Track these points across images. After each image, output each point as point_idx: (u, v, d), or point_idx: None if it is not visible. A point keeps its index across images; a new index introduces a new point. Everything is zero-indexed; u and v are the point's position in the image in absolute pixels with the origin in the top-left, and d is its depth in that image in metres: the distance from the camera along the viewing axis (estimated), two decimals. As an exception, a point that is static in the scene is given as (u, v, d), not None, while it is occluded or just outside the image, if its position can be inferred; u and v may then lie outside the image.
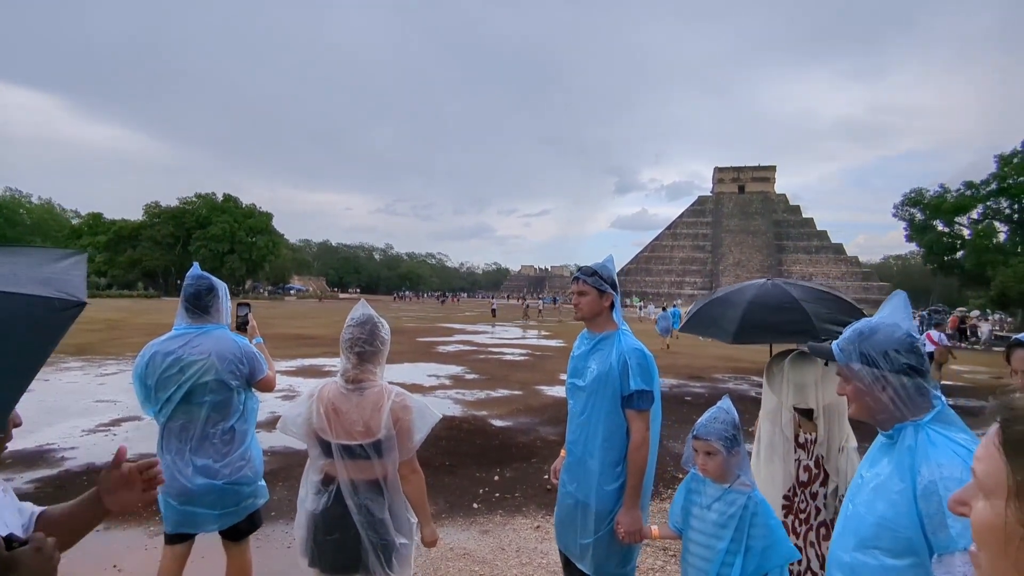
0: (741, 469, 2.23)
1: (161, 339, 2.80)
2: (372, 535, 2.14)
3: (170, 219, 75.46)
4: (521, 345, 20.60)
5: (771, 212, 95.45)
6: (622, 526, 2.37)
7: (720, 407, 2.28)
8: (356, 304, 2.38)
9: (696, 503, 2.30)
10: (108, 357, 13.98)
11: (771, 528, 2.14)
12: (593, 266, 2.57)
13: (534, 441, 7.13)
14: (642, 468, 2.40)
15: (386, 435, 2.16)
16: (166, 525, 2.79)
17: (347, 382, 2.21)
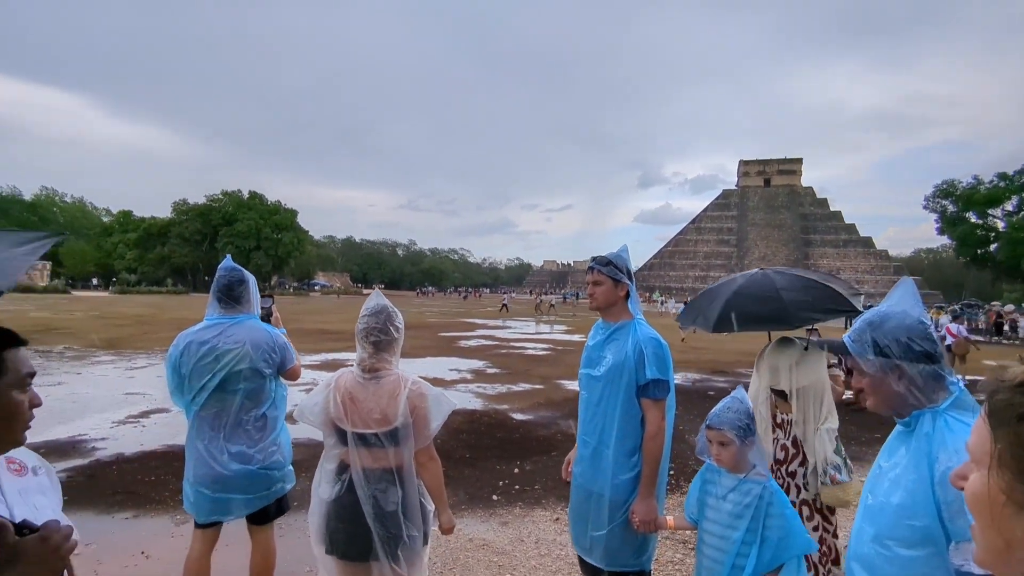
0: (756, 459, 2.21)
1: (195, 329, 2.86)
2: (379, 527, 2.16)
3: (198, 216, 76.87)
4: (543, 340, 20.60)
5: (797, 205, 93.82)
6: (637, 515, 2.37)
7: (734, 397, 2.27)
8: (370, 295, 2.40)
9: (711, 493, 2.28)
10: (138, 352, 14.30)
11: (787, 518, 2.12)
12: (608, 256, 2.56)
13: (554, 435, 7.13)
14: (657, 457, 2.39)
15: (403, 423, 2.17)
16: (199, 515, 2.84)
17: (364, 371, 2.24)
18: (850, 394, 9.73)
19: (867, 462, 6.29)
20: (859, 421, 8.23)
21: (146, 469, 5.48)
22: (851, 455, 6.40)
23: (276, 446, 2.90)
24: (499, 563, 3.80)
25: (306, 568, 3.66)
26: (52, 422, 7.10)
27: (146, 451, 6.11)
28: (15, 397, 1.17)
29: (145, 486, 4.99)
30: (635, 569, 2.46)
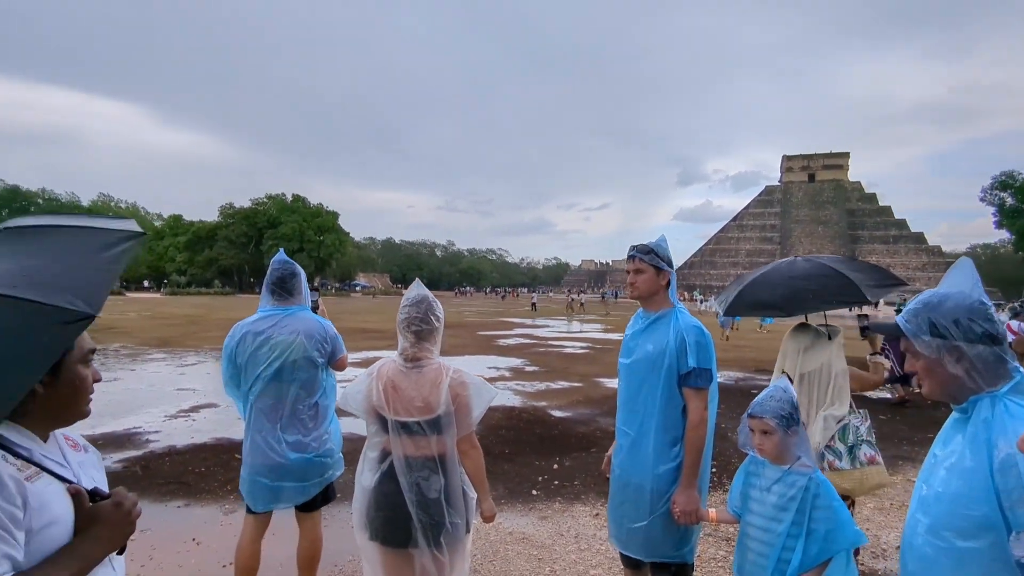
0: (801, 450, 2.15)
1: (250, 320, 2.95)
2: (422, 514, 2.18)
3: (243, 219, 79.20)
4: (581, 338, 20.50)
5: (844, 201, 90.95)
6: (678, 505, 2.33)
7: (777, 386, 2.21)
8: (411, 285, 2.44)
9: (755, 486, 2.23)
10: (188, 350, 14.82)
11: (835, 511, 2.05)
12: (648, 244, 2.53)
13: (594, 431, 7.09)
14: (700, 448, 2.35)
15: (445, 411, 2.19)
16: (255, 504, 2.91)
17: (406, 360, 2.27)
18: (888, 394, 9.47)
19: (918, 462, 6.06)
20: (911, 420, 7.94)
21: (196, 461, 5.67)
22: (902, 455, 6.22)
23: (328, 434, 2.99)
24: (539, 556, 3.80)
25: (348, 557, 3.73)
26: (109, 416, 7.41)
27: (196, 444, 6.33)
28: (80, 371, 1.23)
29: (195, 477, 5.17)
30: (677, 561, 2.42)
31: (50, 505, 1.12)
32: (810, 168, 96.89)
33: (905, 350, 1.50)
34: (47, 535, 1.10)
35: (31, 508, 1.08)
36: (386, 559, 2.25)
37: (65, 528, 1.13)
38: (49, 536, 1.10)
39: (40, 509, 1.09)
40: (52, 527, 1.11)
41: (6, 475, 1.07)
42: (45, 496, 1.12)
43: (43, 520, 1.10)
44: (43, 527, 1.09)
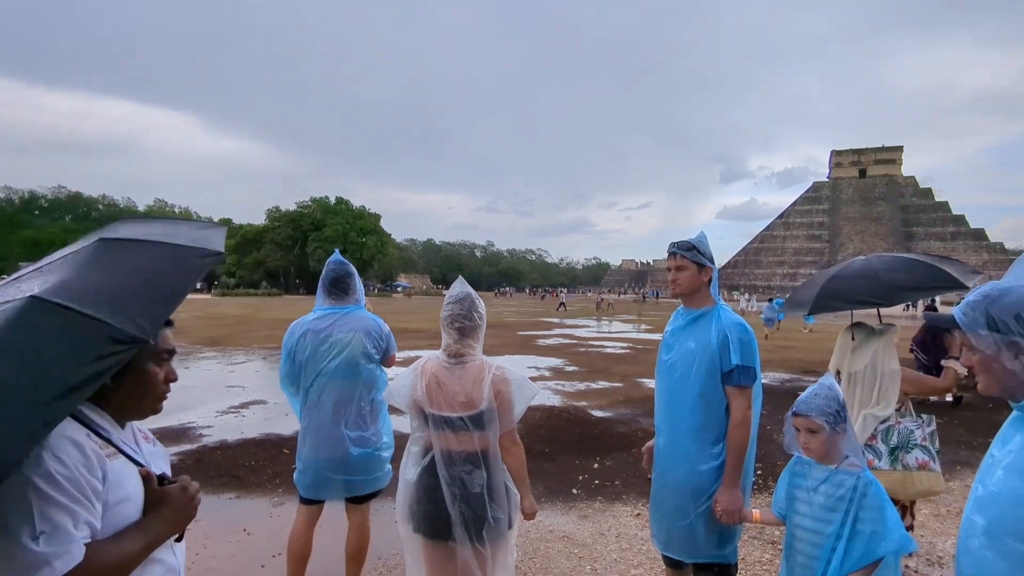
0: (849, 449, 2.09)
1: (309, 319, 3.04)
2: (464, 508, 2.20)
3: (289, 222, 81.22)
4: (622, 338, 20.32)
5: (897, 196, 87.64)
6: (720, 505, 2.30)
7: (822, 383, 2.15)
8: (454, 283, 2.46)
9: (801, 487, 2.18)
10: (237, 348, 15.30)
11: (883, 512, 1.99)
12: (690, 240, 2.50)
13: (635, 432, 7.02)
14: (742, 447, 2.31)
15: (488, 407, 2.22)
16: (318, 494, 3.01)
17: (449, 356, 2.30)
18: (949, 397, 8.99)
19: (976, 467, 5.78)
20: (969, 424, 7.61)
21: (246, 455, 5.86)
22: (960, 459, 5.97)
23: (384, 428, 3.09)
24: (579, 555, 3.79)
25: (392, 551, 3.80)
26: (165, 411, 7.67)
27: (246, 438, 6.54)
28: (150, 369, 1.31)
29: (246, 470, 5.34)
30: (720, 561, 2.39)
31: (124, 483, 1.20)
32: (861, 163, 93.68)
33: (962, 344, 1.45)
34: (120, 511, 1.18)
35: (109, 482, 1.16)
36: (428, 552, 2.29)
37: (135, 506, 1.22)
38: (121, 512, 1.18)
39: (116, 485, 1.18)
40: (124, 504, 1.19)
41: (90, 450, 1.15)
42: (121, 474, 1.20)
43: (118, 496, 1.18)
44: (117, 502, 1.18)
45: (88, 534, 1.10)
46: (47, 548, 1.03)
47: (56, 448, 1.10)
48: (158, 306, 1.20)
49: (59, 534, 1.05)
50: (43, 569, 1.02)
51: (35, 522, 1.03)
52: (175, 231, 1.39)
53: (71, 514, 1.07)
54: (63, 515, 1.06)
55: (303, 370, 2.98)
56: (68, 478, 1.08)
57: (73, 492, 1.08)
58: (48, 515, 1.05)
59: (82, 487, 1.10)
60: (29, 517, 1.03)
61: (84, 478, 1.11)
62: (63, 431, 1.14)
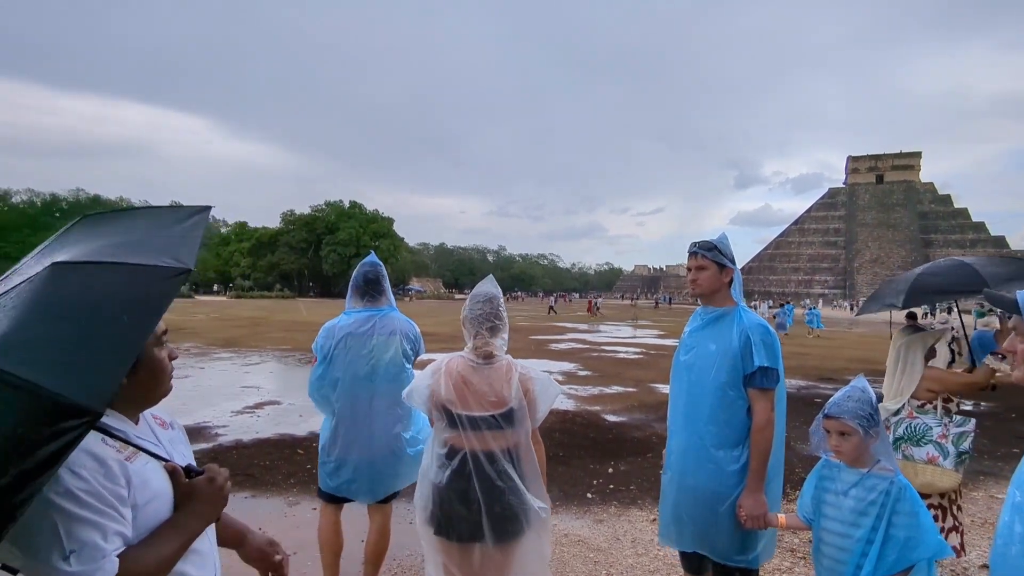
0: (881, 453, 2.04)
1: (348, 322, 3.02)
2: (498, 507, 2.17)
3: (303, 226, 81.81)
4: (635, 343, 20.20)
5: (915, 203, 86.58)
6: (744, 509, 2.25)
7: (855, 386, 2.11)
8: (481, 282, 2.43)
9: (830, 490, 2.14)
10: (252, 350, 15.41)
11: (918, 517, 1.95)
12: (711, 240, 2.47)
13: (649, 437, 6.97)
14: (766, 450, 2.27)
15: (517, 405, 2.21)
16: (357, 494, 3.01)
17: (479, 356, 2.28)
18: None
19: (1001, 477, 5.68)
20: (992, 434, 7.46)
21: (261, 454, 5.88)
22: (983, 469, 5.87)
23: (425, 428, 3.09)
24: (595, 559, 3.75)
25: (407, 552, 3.78)
26: (181, 410, 7.77)
27: (261, 438, 6.56)
28: (156, 354, 1.28)
29: (261, 469, 5.36)
30: (741, 566, 2.34)
31: (150, 482, 1.19)
32: (878, 169, 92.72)
33: (1013, 327, 1.39)
34: (150, 510, 1.17)
35: (134, 486, 1.14)
36: (453, 554, 2.26)
37: (166, 503, 1.21)
38: (153, 511, 1.17)
39: (142, 486, 1.16)
40: (154, 502, 1.18)
41: (110, 458, 1.13)
42: (145, 474, 1.18)
43: (146, 496, 1.16)
44: (147, 502, 1.16)
45: (120, 544, 1.08)
46: (79, 567, 1.01)
47: (72, 463, 1.07)
48: (183, 244, 1.18)
49: (89, 550, 1.03)
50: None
51: (63, 543, 1.02)
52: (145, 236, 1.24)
53: (99, 528, 1.06)
54: (91, 531, 1.05)
55: (345, 373, 2.96)
56: (89, 492, 1.07)
57: (97, 505, 1.07)
58: (75, 533, 1.03)
59: (105, 499, 1.08)
60: (56, 538, 1.02)
61: (106, 488, 1.09)
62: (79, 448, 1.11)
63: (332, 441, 3.01)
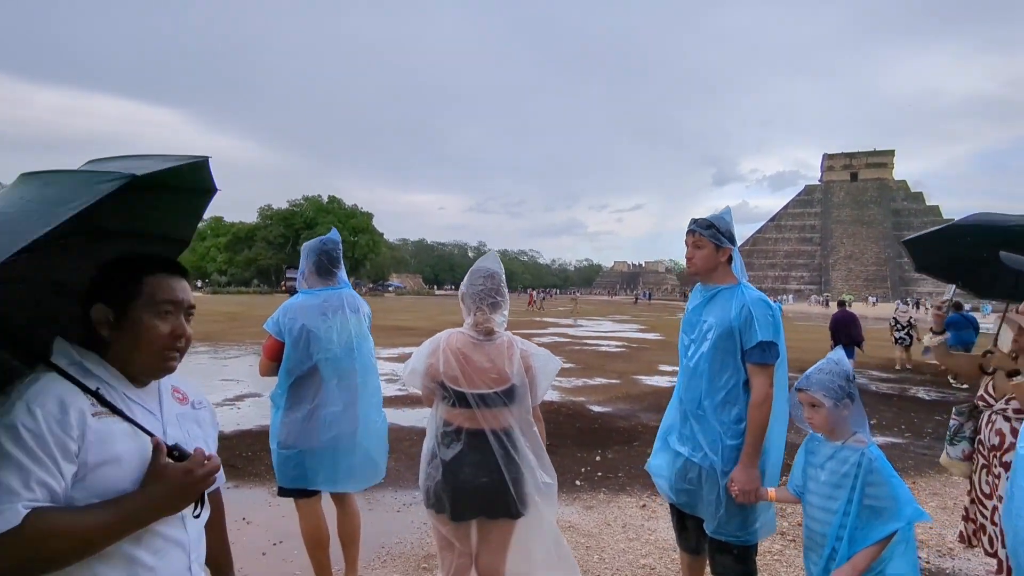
0: (856, 425, 2.07)
1: (315, 301, 2.82)
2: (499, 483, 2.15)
3: (281, 220, 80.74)
4: (616, 337, 20.30)
5: (889, 200, 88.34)
6: (736, 483, 2.23)
7: (829, 358, 2.15)
8: (484, 255, 2.38)
9: (812, 464, 2.17)
10: (231, 344, 15.15)
11: (892, 486, 1.97)
12: (709, 218, 2.42)
13: (635, 426, 6.98)
14: (762, 425, 2.24)
15: (519, 381, 2.18)
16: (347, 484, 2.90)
17: (480, 333, 2.23)
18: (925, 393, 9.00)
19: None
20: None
21: (243, 446, 5.77)
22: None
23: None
24: (587, 544, 3.73)
25: (395, 539, 3.73)
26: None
27: (242, 430, 6.45)
28: (147, 320, 1.17)
29: (243, 460, 5.25)
30: (741, 543, 2.32)
31: (112, 444, 1.09)
32: (852, 167, 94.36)
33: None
34: (104, 474, 1.07)
35: (88, 442, 1.06)
36: (457, 530, 2.22)
37: (127, 472, 1.10)
38: (105, 475, 1.07)
39: (99, 444, 1.07)
40: (110, 466, 1.08)
41: (72, 406, 1.05)
42: (108, 434, 1.09)
43: (102, 456, 1.07)
44: (100, 463, 1.07)
45: (43, 496, 0.98)
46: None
47: (33, 400, 1.02)
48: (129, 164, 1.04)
49: (2, 492, 0.95)
50: None
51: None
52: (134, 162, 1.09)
53: (23, 473, 0.97)
54: (14, 473, 0.96)
55: (327, 355, 2.79)
56: (33, 434, 0.99)
57: (34, 449, 0.99)
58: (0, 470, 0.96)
59: (46, 445, 1.00)
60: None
61: (54, 435, 1.01)
62: (52, 385, 1.06)
63: (308, 432, 2.77)
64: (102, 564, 1.06)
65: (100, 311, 1.17)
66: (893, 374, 12.20)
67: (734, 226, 2.50)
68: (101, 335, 1.17)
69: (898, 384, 10.91)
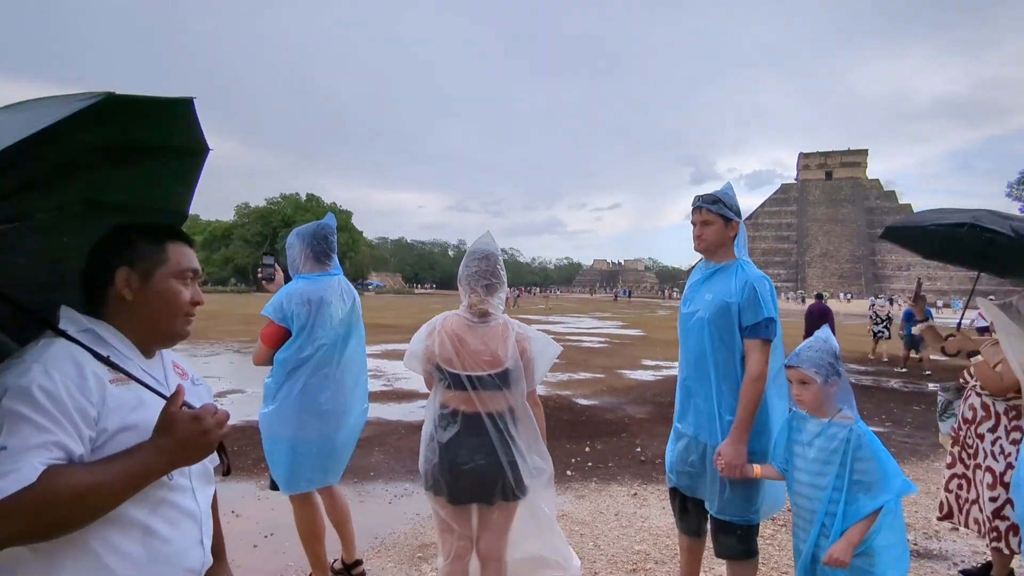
0: (843, 401, 2.09)
1: (317, 287, 2.75)
2: (493, 468, 2.13)
3: (258, 219, 79.65)
4: (598, 333, 20.40)
5: (863, 199, 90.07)
6: (723, 457, 2.22)
7: (817, 336, 2.16)
8: (479, 237, 2.34)
9: (798, 441, 2.18)
10: (210, 342, 14.90)
11: (880, 460, 2.01)
12: (715, 193, 2.42)
13: (622, 418, 7.02)
14: (755, 401, 2.23)
15: (513, 364, 2.16)
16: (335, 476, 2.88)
17: (474, 315, 2.21)
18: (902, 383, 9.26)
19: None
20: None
21: (229, 440, 5.65)
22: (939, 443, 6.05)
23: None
24: (580, 532, 3.73)
25: (389, 530, 3.70)
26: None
27: (228, 425, 6.33)
28: (173, 285, 1.19)
29: (230, 455, 5.16)
30: (744, 522, 2.33)
31: (130, 411, 1.07)
32: (827, 166, 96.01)
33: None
34: (121, 441, 1.04)
35: (108, 408, 1.04)
36: (454, 514, 2.20)
37: (143, 437, 1.07)
38: (122, 442, 1.04)
39: (118, 410, 1.05)
40: (127, 433, 1.06)
41: (90, 372, 1.03)
42: (126, 400, 1.08)
43: (122, 423, 1.05)
44: (120, 429, 1.05)
45: (59, 457, 0.95)
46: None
47: (50, 362, 1.00)
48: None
49: (17, 452, 0.91)
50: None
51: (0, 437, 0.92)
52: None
53: (42, 432, 0.94)
54: (32, 432, 0.94)
55: (330, 341, 2.73)
56: (50, 395, 0.96)
57: (51, 410, 0.96)
58: (16, 430, 0.93)
59: (65, 408, 0.97)
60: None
61: (72, 398, 0.98)
62: (67, 350, 1.03)
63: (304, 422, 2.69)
64: (119, 534, 1.04)
65: (125, 274, 1.15)
66: (871, 367, 12.46)
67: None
68: (122, 299, 1.15)
69: (876, 376, 11.14)
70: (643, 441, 5.98)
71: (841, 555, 1.95)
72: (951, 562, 3.39)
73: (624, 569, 3.25)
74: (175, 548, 1.12)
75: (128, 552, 1.05)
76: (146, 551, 1.07)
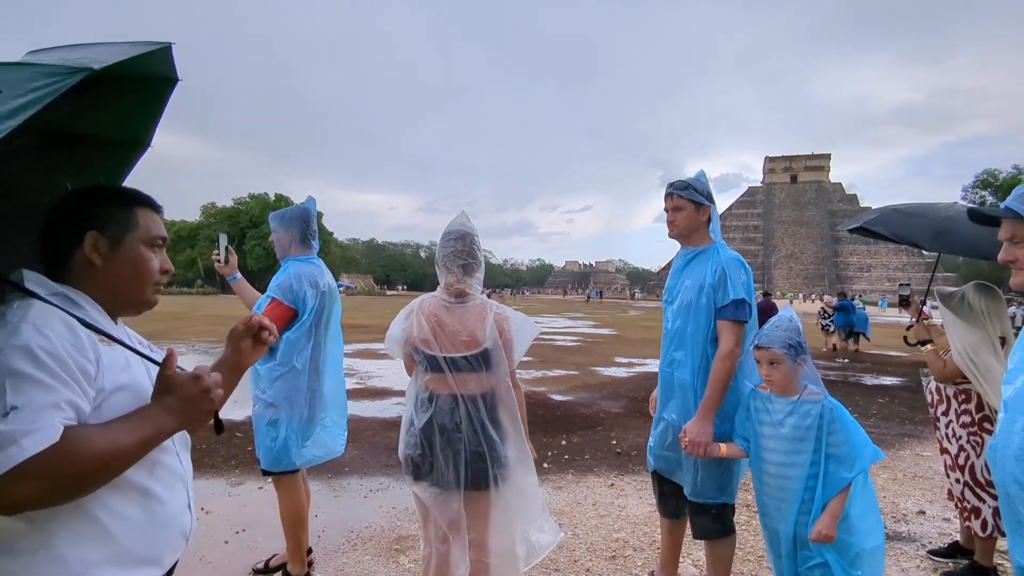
0: (809, 379, 2.13)
1: (317, 269, 2.81)
2: (474, 452, 2.10)
3: (225, 219, 78.00)
4: (571, 333, 20.48)
5: (826, 202, 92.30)
6: (688, 435, 2.24)
7: (782, 316, 2.18)
8: (455, 217, 2.33)
9: (765, 422, 2.18)
10: (176, 342, 14.54)
11: (851, 433, 2.05)
12: (687, 180, 2.46)
13: (597, 413, 7.05)
14: (724, 380, 2.25)
15: (492, 345, 2.13)
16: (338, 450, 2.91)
17: (451, 296, 2.18)
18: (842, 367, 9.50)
19: (922, 439, 6.09)
20: (908, 403, 8.00)
21: (198, 438, 5.42)
22: (905, 432, 6.29)
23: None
24: (559, 521, 3.70)
25: (365, 524, 3.64)
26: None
27: (194, 425, 6.18)
28: (143, 252, 1.16)
29: (199, 453, 5.02)
30: (718, 503, 2.36)
31: (124, 370, 1.06)
32: (792, 169, 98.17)
33: (1010, 238, 1.43)
34: (118, 401, 1.03)
35: (104, 366, 1.01)
36: (433, 500, 2.16)
37: (132, 400, 1.05)
38: (119, 402, 1.03)
39: (112, 370, 1.03)
40: (123, 393, 1.04)
41: (82, 332, 1.00)
42: (118, 360, 1.06)
43: (117, 382, 1.04)
44: (116, 389, 1.03)
45: (71, 416, 0.93)
46: (16, 426, 0.86)
47: (39, 322, 0.95)
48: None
49: (32, 411, 0.88)
50: (10, 448, 0.85)
51: (6, 397, 0.88)
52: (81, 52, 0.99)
53: (50, 391, 0.91)
54: (40, 391, 0.90)
55: (324, 324, 2.81)
56: (51, 353, 0.93)
57: (55, 369, 0.93)
58: (22, 390, 0.89)
59: (67, 366, 0.94)
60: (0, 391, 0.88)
61: (72, 357, 0.95)
62: (49, 310, 0.99)
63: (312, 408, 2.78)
64: (118, 497, 1.02)
65: (93, 238, 1.11)
66: (835, 363, 12.77)
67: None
68: (90, 264, 1.11)
69: (840, 371, 11.41)
70: (618, 434, 6.01)
71: (828, 529, 1.97)
72: (919, 543, 3.48)
73: (604, 556, 3.25)
74: (171, 511, 1.12)
75: (128, 515, 1.03)
76: (146, 514, 1.06)
